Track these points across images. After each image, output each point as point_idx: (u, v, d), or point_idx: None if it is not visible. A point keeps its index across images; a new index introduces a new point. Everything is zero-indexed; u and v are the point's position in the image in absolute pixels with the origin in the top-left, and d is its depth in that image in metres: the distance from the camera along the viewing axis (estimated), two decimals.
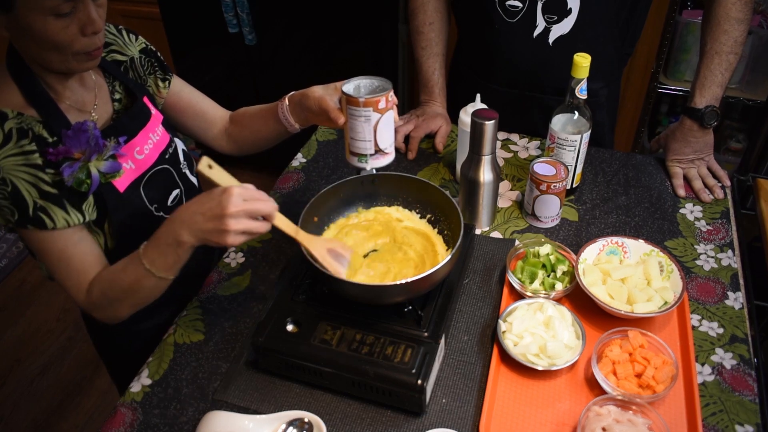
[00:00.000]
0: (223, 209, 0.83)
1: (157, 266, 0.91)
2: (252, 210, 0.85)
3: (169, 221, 0.90)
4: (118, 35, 1.09)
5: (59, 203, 0.93)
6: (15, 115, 0.91)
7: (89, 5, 0.87)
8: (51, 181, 0.92)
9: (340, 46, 2.46)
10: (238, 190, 0.85)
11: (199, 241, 0.88)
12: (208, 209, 0.85)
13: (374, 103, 0.97)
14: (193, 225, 0.87)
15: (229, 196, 0.84)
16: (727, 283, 1.12)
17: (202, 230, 0.86)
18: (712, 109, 1.26)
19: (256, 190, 0.88)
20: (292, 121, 1.11)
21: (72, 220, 0.95)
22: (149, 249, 0.92)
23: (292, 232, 0.95)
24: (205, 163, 0.86)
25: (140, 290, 0.95)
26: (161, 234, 0.91)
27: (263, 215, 0.87)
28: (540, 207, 1.22)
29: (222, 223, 0.84)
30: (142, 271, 0.92)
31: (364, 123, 0.98)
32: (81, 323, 2.46)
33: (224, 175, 0.89)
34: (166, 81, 1.15)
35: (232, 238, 0.85)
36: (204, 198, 0.87)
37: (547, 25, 1.33)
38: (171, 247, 0.89)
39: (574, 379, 0.97)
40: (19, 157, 0.90)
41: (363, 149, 1.02)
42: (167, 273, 0.92)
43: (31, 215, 0.91)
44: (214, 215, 0.84)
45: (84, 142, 0.93)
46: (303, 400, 0.96)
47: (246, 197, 0.85)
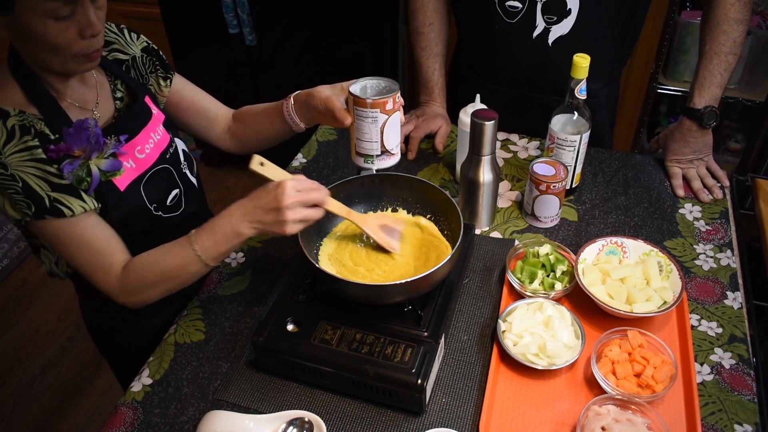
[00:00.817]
0: (279, 202, 0.90)
1: (209, 254, 0.96)
2: (306, 200, 0.92)
3: (228, 214, 0.95)
4: (119, 34, 1.10)
5: (73, 192, 0.94)
6: (17, 112, 0.91)
7: (88, 8, 0.87)
8: (59, 173, 0.93)
9: (340, 46, 2.46)
10: (291, 182, 0.91)
11: (258, 233, 0.94)
12: (266, 203, 0.91)
13: (382, 105, 0.97)
14: (254, 218, 0.93)
15: (284, 189, 0.90)
16: (726, 282, 1.12)
17: (261, 222, 0.93)
18: (711, 110, 1.27)
19: (307, 179, 0.95)
20: (298, 121, 1.11)
21: (88, 205, 0.96)
22: (202, 237, 0.96)
23: (344, 213, 1.02)
24: (257, 161, 0.93)
25: (181, 276, 0.99)
26: (218, 225, 0.95)
27: (317, 202, 0.94)
28: (539, 207, 1.22)
29: (280, 214, 0.90)
30: (191, 256, 0.96)
31: (371, 124, 0.99)
32: (81, 323, 2.46)
33: (276, 170, 0.95)
34: (167, 80, 1.15)
35: (291, 227, 0.91)
36: (261, 193, 0.93)
37: (547, 26, 1.33)
38: (228, 238, 0.95)
39: (574, 378, 0.97)
40: (24, 153, 0.90)
41: (369, 150, 1.02)
42: (214, 261, 0.97)
43: (48, 206, 0.92)
44: (272, 208, 0.91)
45: (85, 140, 0.93)
46: (303, 400, 0.96)
47: (299, 188, 0.92)
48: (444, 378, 0.98)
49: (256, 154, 0.93)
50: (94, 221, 0.98)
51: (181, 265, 0.97)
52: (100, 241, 0.98)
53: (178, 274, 0.98)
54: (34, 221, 0.94)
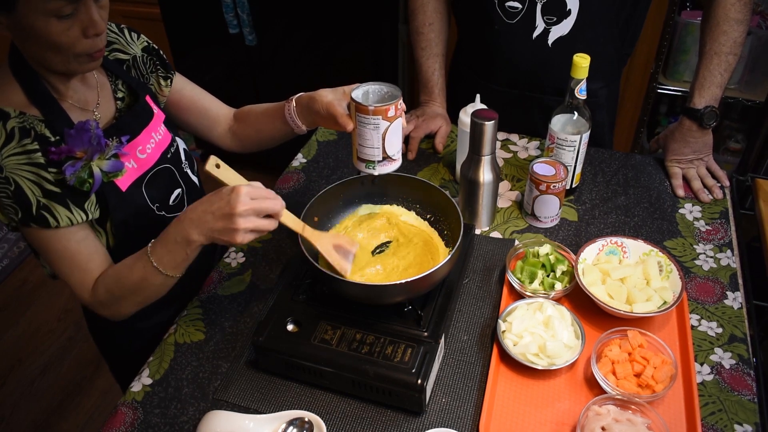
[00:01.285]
0: (232, 208, 0.85)
1: (165, 264, 0.93)
2: (260, 208, 0.87)
3: (178, 220, 0.91)
4: (120, 34, 1.10)
5: (62, 202, 0.94)
6: (17, 114, 0.91)
7: (91, 7, 0.87)
8: (54, 180, 0.93)
9: (340, 46, 2.46)
10: (246, 189, 0.87)
11: (209, 240, 0.90)
12: (217, 208, 0.87)
13: (383, 112, 0.97)
14: (203, 224, 0.88)
15: (238, 195, 0.85)
16: (726, 282, 1.12)
17: (211, 229, 0.88)
18: (711, 110, 1.27)
19: (263, 188, 0.90)
20: (299, 123, 1.11)
21: (75, 218, 0.95)
22: (157, 247, 0.93)
23: (298, 228, 0.97)
24: (213, 162, 0.88)
25: (147, 288, 0.96)
26: (170, 233, 0.92)
27: (271, 213, 0.89)
28: (539, 207, 1.22)
29: (231, 222, 0.85)
30: (150, 268, 0.93)
31: (373, 131, 0.98)
32: (81, 323, 2.45)
33: (232, 174, 0.91)
34: (168, 79, 1.15)
35: (242, 237, 0.87)
36: (213, 197, 0.88)
37: (547, 26, 1.33)
38: (180, 246, 0.91)
39: (574, 378, 0.97)
40: (21, 156, 0.90)
41: (371, 156, 1.02)
42: (174, 271, 0.94)
43: (34, 214, 0.92)
44: (224, 214, 0.86)
45: (86, 142, 0.93)
46: (303, 400, 0.96)
47: (254, 195, 0.87)
48: (444, 378, 0.98)
49: (212, 155, 0.89)
50: (80, 235, 0.97)
51: (143, 278, 0.94)
52: (81, 257, 0.97)
53: (142, 286, 0.95)
54: (21, 227, 0.95)
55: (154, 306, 1.04)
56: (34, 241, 0.97)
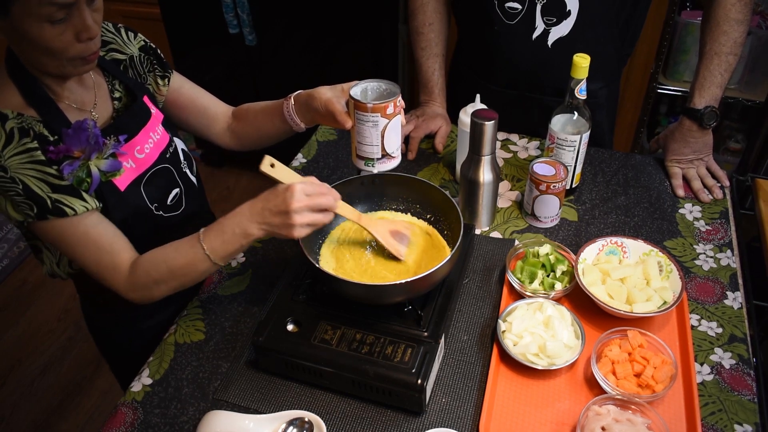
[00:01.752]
0: (287, 206, 0.90)
1: (217, 253, 0.96)
2: (314, 204, 0.92)
3: (237, 213, 0.95)
4: (116, 34, 1.09)
5: (74, 193, 0.94)
6: (15, 115, 0.91)
7: (84, 11, 0.87)
8: (59, 175, 0.93)
9: (340, 46, 2.46)
10: (300, 186, 0.91)
11: (267, 234, 0.94)
12: (274, 206, 0.91)
13: (382, 109, 0.97)
14: (262, 219, 0.93)
15: (293, 192, 0.90)
16: (726, 282, 1.12)
17: (269, 224, 0.93)
18: (712, 110, 1.27)
19: (318, 183, 0.94)
20: (298, 121, 1.11)
21: (90, 204, 0.96)
22: (211, 236, 0.96)
23: (355, 218, 1.01)
24: (268, 162, 0.92)
25: (189, 274, 0.99)
26: (227, 224, 0.95)
27: (325, 207, 0.93)
28: (539, 207, 1.22)
29: (288, 217, 0.90)
30: (200, 255, 0.96)
31: (372, 128, 0.98)
32: (81, 323, 2.45)
33: (287, 171, 0.95)
34: (165, 78, 1.15)
35: (298, 231, 0.92)
36: (270, 195, 0.93)
37: (546, 27, 1.33)
38: (237, 237, 0.95)
39: (574, 378, 0.97)
40: (23, 155, 0.90)
41: (370, 153, 1.02)
42: (223, 260, 0.97)
43: (50, 206, 0.92)
44: (280, 211, 0.91)
45: (84, 141, 0.93)
46: (303, 400, 0.97)
47: (308, 192, 0.91)
48: (444, 378, 0.98)
49: (267, 155, 0.93)
50: (96, 219, 0.98)
51: (190, 263, 0.97)
52: (104, 239, 0.98)
53: (186, 272, 0.98)
54: (37, 222, 0.94)
55: (154, 306, 1.04)
56: (53, 235, 0.96)
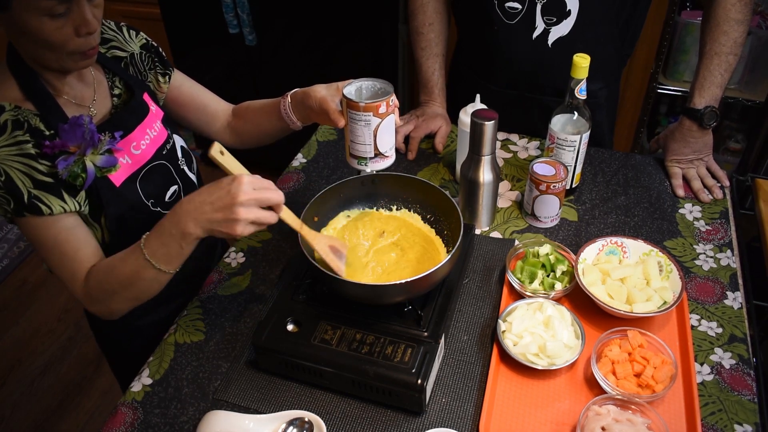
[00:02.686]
0: (233, 198, 0.82)
1: (158, 258, 0.89)
2: (262, 199, 0.85)
3: (174, 212, 0.88)
4: (118, 32, 1.10)
5: (55, 192, 0.93)
6: (12, 108, 0.91)
7: (84, 6, 0.87)
8: (46, 171, 0.92)
9: (340, 46, 2.46)
10: (248, 178, 0.84)
11: (206, 232, 0.86)
12: (217, 198, 0.84)
13: (374, 108, 0.96)
14: (201, 215, 0.85)
15: (240, 183, 0.83)
16: (726, 282, 1.12)
17: (210, 220, 0.85)
18: (712, 110, 1.27)
19: (264, 179, 0.87)
20: (294, 119, 1.11)
21: (68, 206, 0.94)
22: (151, 239, 0.90)
23: (296, 226, 0.95)
24: (217, 148, 0.85)
25: (138, 282, 0.92)
26: (165, 224, 0.89)
27: (272, 205, 0.87)
28: (539, 207, 1.22)
29: (232, 212, 0.82)
30: (142, 262, 0.90)
31: (364, 127, 0.98)
32: (81, 323, 2.46)
33: (235, 162, 0.88)
34: (166, 76, 1.15)
35: (242, 228, 0.84)
36: (212, 187, 0.85)
37: (547, 27, 1.33)
38: (174, 239, 0.87)
39: (574, 378, 0.97)
40: (12, 147, 0.90)
41: (363, 152, 1.02)
42: (168, 266, 0.90)
43: (26, 203, 0.91)
44: (224, 204, 0.83)
45: (79, 136, 0.93)
46: (303, 400, 0.97)
47: (256, 185, 0.85)
48: (444, 378, 0.98)
49: (216, 141, 0.85)
50: (71, 223, 0.95)
51: (135, 272, 0.91)
52: (71, 245, 0.95)
53: (133, 281, 0.92)
54: (15, 218, 0.94)
55: (153, 304, 1.04)
56: (28, 233, 0.96)
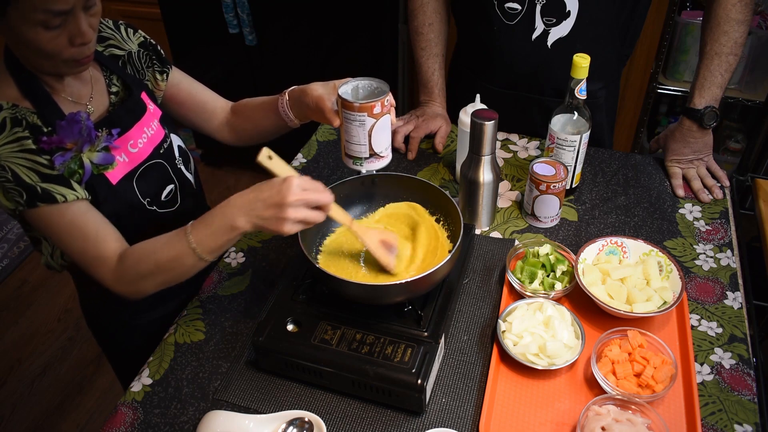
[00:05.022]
0: (283, 198, 0.86)
1: (204, 247, 0.92)
2: (311, 200, 0.88)
3: (225, 205, 0.91)
4: (116, 30, 1.10)
5: (63, 182, 0.94)
6: (9, 106, 0.92)
7: (80, 17, 0.87)
8: (49, 164, 0.93)
9: (340, 45, 2.46)
10: (297, 180, 0.88)
11: (254, 228, 0.90)
12: (268, 197, 0.88)
13: (369, 108, 0.96)
14: (252, 211, 0.89)
15: (290, 185, 0.87)
16: (726, 282, 1.12)
17: (260, 217, 0.88)
18: (712, 110, 1.27)
19: (313, 180, 0.91)
20: (292, 116, 1.11)
21: (80, 194, 0.95)
22: (198, 229, 0.92)
23: (347, 222, 0.98)
24: (265, 154, 0.89)
25: (176, 268, 0.95)
26: (215, 216, 0.92)
27: (320, 205, 0.90)
28: (539, 207, 1.22)
29: (281, 211, 0.86)
30: (186, 249, 0.93)
31: (359, 127, 0.98)
32: (81, 323, 2.45)
33: (284, 165, 0.92)
34: (164, 73, 1.15)
35: (289, 227, 0.88)
36: (264, 186, 0.89)
37: (546, 27, 1.33)
38: (223, 230, 0.91)
39: (574, 378, 0.97)
40: (13, 144, 0.90)
41: (358, 152, 1.02)
42: (211, 255, 0.94)
43: (40, 193, 0.91)
44: (274, 203, 0.87)
45: (77, 133, 0.93)
46: (303, 400, 0.97)
47: (305, 187, 0.88)
48: (444, 378, 0.98)
49: (265, 147, 0.90)
50: (85, 208, 0.96)
51: (176, 257, 0.94)
52: (90, 228, 0.96)
53: (172, 266, 0.95)
54: (28, 210, 0.93)
55: (150, 302, 1.04)
56: (42, 223, 0.95)
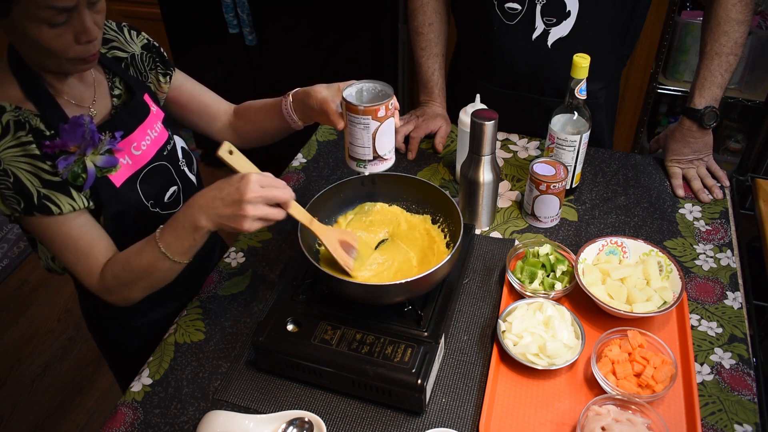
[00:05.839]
0: (241, 195, 0.86)
1: (173, 250, 0.93)
2: (269, 196, 0.88)
3: (187, 206, 0.92)
4: (119, 32, 1.10)
5: (63, 190, 0.94)
6: (12, 108, 0.91)
7: (84, 15, 0.87)
8: (51, 170, 0.93)
9: (340, 45, 2.46)
10: (256, 176, 0.88)
11: (216, 226, 0.91)
12: (227, 194, 0.88)
13: (373, 112, 0.96)
14: (211, 210, 0.89)
15: (248, 182, 0.87)
16: (726, 282, 1.12)
17: (219, 215, 0.89)
18: (712, 110, 1.27)
19: (273, 177, 0.91)
20: (296, 118, 1.11)
21: (77, 204, 0.96)
22: (166, 233, 0.94)
23: (306, 221, 0.98)
24: (226, 148, 0.90)
25: (154, 273, 0.97)
26: (179, 218, 0.93)
27: (280, 202, 0.90)
28: (539, 207, 1.22)
29: (240, 208, 0.87)
30: (158, 254, 0.94)
31: (363, 130, 0.98)
32: (81, 323, 2.44)
33: (244, 161, 0.92)
34: (167, 76, 1.15)
35: (249, 224, 0.88)
36: (223, 184, 0.89)
37: (546, 27, 1.33)
38: (188, 231, 0.92)
39: (574, 378, 0.97)
40: (17, 148, 0.91)
41: (362, 155, 1.02)
42: (182, 257, 0.95)
43: (36, 203, 0.92)
44: (233, 200, 0.87)
45: (80, 136, 0.93)
46: (303, 400, 0.97)
47: (264, 184, 0.88)
48: (444, 378, 0.98)
49: (226, 141, 0.91)
50: (82, 221, 0.98)
51: (151, 263, 0.95)
52: (85, 242, 0.98)
53: (150, 272, 0.96)
54: (23, 217, 0.94)
55: (151, 303, 1.04)
56: (37, 231, 0.97)
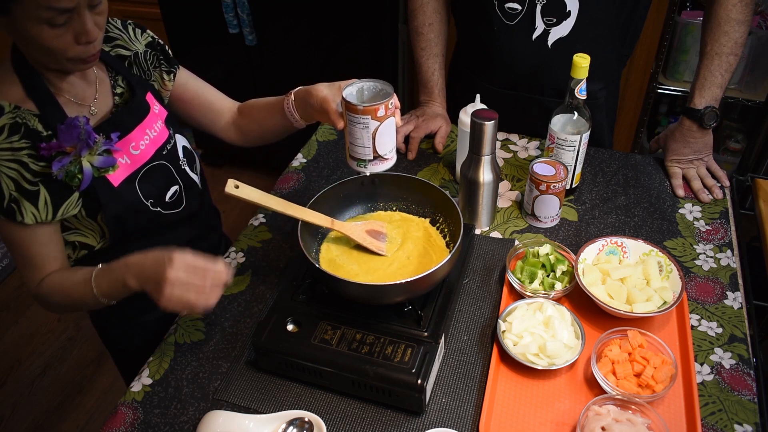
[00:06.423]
0: (160, 276, 0.87)
1: (103, 294, 0.97)
2: (192, 284, 0.88)
3: (123, 262, 0.95)
4: (123, 31, 1.10)
5: (32, 199, 0.95)
6: (11, 108, 0.92)
7: (85, 16, 0.87)
8: (32, 179, 0.94)
9: (340, 45, 2.46)
10: (180, 262, 0.87)
11: (143, 290, 0.92)
12: (150, 267, 0.90)
13: (373, 111, 0.96)
14: (140, 275, 0.92)
15: (171, 264, 0.87)
16: (726, 282, 1.12)
17: (143, 285, 0.91)
18: (712, 110, 1.27)
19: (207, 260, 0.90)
20: (297, 117, 1.11)
21: (40, 216, 0.97)
22: (100, 278, 0.97)
23: (327, 223, 1.02)
24: (232, 184, 0.92)
25: (84, 305, 1.02)
26: (115, 269, 0.95)
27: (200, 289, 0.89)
28: (539, 207, 1.22)
29: (159, 285, 0.87)
30: (90, 292, 0.97)
31: (363, 130, 0.98)
32: (81, 323, 2.45)
33: (252, 191, 0.94)
34: (171, 73, 1.16)
35: (165, 303, 0.88)
36: (156, 255, 0.90)
37: (546, 27, 1.33)
38: (118, 285, 0.94)
39: (574, 378, 0.97)
40: (7, 152, 0.91)
41: (362, 155, 1.02)
42: (110, 300, 0.99)
43: (4, 206, 0.94)
44: (155, 276, 0.88)
45: (75, 137, 0.94)
46: (303, 400, 0.97)
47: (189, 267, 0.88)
48: (444, 378, 0.98)
49: (230, 179, 0.93)
50: (44, 239, 1.00)
51: (82, 297, 0.99)
52: (39, 257, 1.01)
53: (78, 303, 1.01)
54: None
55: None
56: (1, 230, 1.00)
